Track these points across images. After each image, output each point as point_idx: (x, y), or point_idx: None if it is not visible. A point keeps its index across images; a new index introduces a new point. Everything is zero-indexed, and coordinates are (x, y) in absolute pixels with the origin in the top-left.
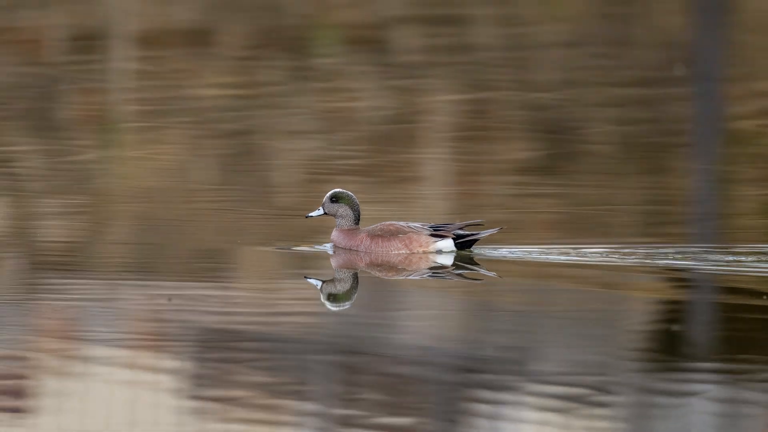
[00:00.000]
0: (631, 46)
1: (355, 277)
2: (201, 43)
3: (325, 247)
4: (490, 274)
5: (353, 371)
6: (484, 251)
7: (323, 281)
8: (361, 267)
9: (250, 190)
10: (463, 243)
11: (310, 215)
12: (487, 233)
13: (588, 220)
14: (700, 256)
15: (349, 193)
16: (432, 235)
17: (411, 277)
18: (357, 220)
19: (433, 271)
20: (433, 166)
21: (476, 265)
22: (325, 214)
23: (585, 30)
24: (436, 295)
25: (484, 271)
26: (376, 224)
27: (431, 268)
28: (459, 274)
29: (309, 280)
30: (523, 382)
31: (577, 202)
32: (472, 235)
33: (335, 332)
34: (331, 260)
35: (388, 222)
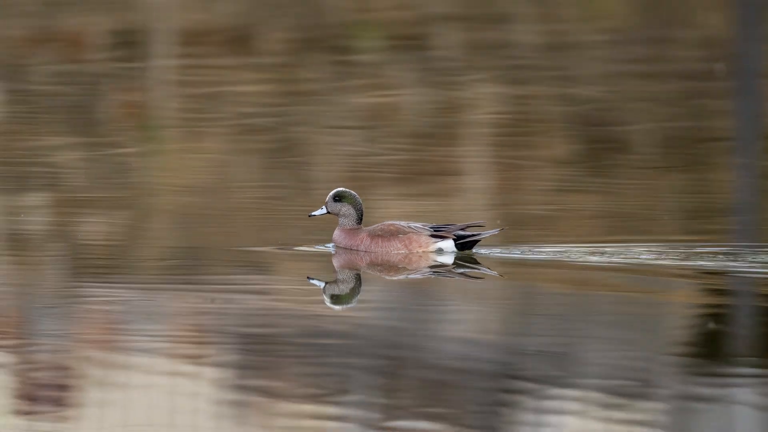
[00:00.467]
0: (672, 43)
1: (384, 279)
2: (242, 41)
3: (327, 247)
4: (492, 273)
5: (396, 365)
6: (529, 254)
7: (326, 282)
8: (361, 267)
9: (291, 187)
10: (463, 243)
11: (312, 214)
12: (488, 234)
13: (628, 217)
14: (742, 255)
15: (352, 192)
16: (432, 235)
17: (442, 277)
18: (359, 220)
19: (433, 270)
20: (473, 163)
21: (478, 264)
22: (328, 213)
23: (625, 27)
24: (471, 296)
25: (485, 270)
26: (377, 224)
27: (431, 267)
28: (462, 273)
29: (311, 280)
30: (565, 382)
31: (617, 198)
32: (473, 235)
33: (375, 330)
34: (332, 260)
35: (389, 222)
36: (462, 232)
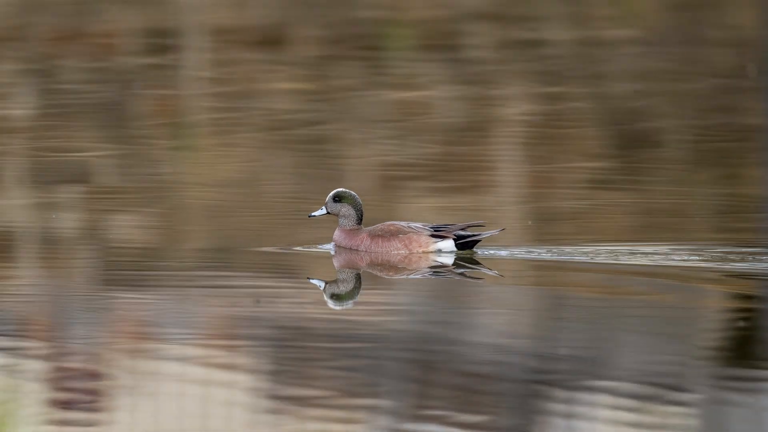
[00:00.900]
0: (703, 44)
1: (415, 279)
2: (274, 39)
3: (327, 247)
4: (493, 273)
5: (427, 369)
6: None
7: (327, 282)
8: (361, 267)
9: (323, 186)
10: (464, 243)
11: (312, 215)
12: (488, 234)
13: (659, 213)
14: None
15: (352, 192)
16: (432, 235)
17: (465, 281)
18: (359, 220)
19: (434, 270)
20: (505, 160)
21: (478, 264)
22: (328, 213)
23: (657, 28)
24: (504, 296)
25: (486, 270)
26: (377, 224)
27: (431, 267)
28: (461, 273)
29: (312, 281)
30: (597, 381)
31: (648, 200)
32: (473, 235)
33: (408, 330)
34: (333, 260)
35: (390, 222)
36: (462, 232)
